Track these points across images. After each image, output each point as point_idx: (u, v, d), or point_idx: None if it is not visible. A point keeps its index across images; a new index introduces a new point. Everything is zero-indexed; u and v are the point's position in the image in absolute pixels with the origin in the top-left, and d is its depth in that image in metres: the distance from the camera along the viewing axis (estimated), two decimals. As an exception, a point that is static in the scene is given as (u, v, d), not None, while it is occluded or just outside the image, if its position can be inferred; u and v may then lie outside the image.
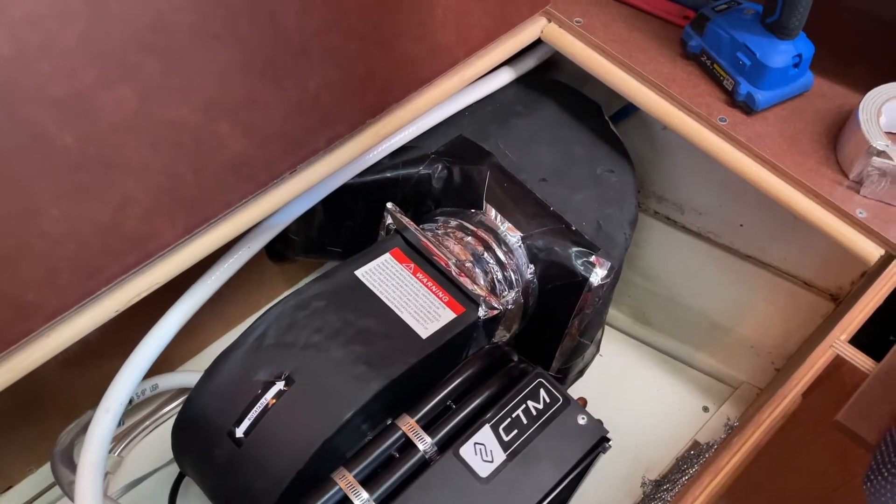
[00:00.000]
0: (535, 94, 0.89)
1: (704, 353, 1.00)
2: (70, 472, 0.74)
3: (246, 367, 0.64)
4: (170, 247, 0.61)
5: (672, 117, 0.75)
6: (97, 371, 0.83)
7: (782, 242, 0.91)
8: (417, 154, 0.83)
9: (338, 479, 0.59)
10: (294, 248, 0.91)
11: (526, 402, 0.62)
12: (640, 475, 0.86)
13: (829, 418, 0.57)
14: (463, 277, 0.70)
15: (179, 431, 0.66)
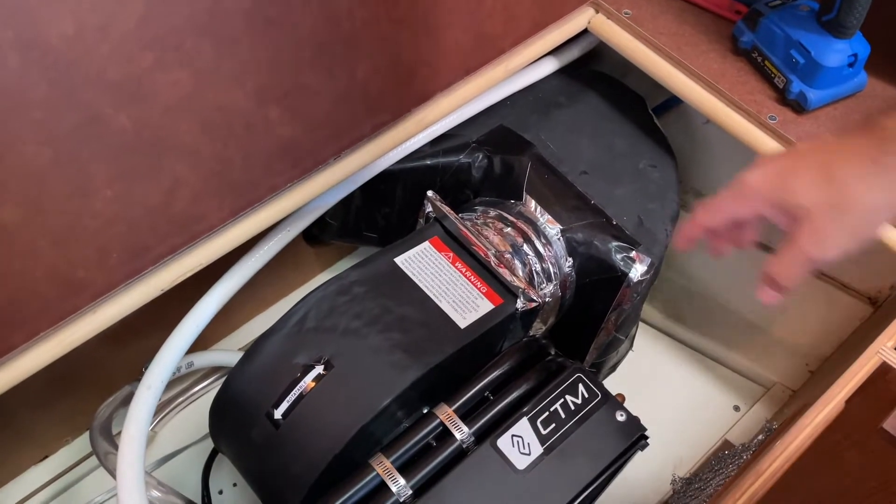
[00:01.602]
0: (577, 86, 0.88)
1: (737, 352, 1.00)
2: (108, 445, 0.76)
3: (286, 350, 0.64)
4: (215, 229, 0.62)
5: (720, 113, 0.74)
6: (134, 347, 0.84)
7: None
8: (458, 142, 0.82)
9: (375, 464, 0.60)
10: (330, 232, 0.92)
11: (564, 397, 0.62)
12: (668, 472, 0.85)
13: (872, 425, 0.57)
14: (502, 268, 0.70)
15: (217, 410, 0.67)
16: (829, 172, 0.39)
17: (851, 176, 0.38)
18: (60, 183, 0.50)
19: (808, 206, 0.39)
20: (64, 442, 0.91)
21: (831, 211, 0.38)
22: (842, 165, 0.38)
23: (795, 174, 0.40)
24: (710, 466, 0.77)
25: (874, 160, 0.38)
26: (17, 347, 0.55)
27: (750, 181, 0.42)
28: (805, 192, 0.39)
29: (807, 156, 0.41)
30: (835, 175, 0.38)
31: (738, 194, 0.42)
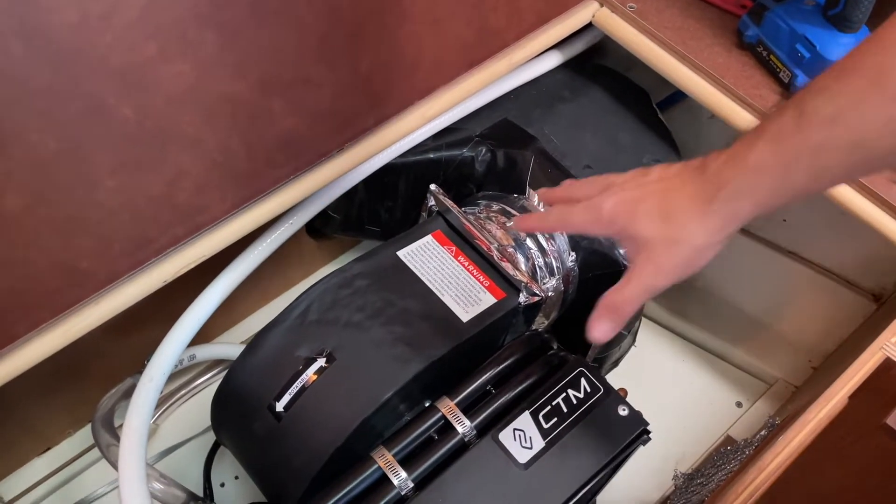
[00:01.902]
0: (581, 80, 0.88)
1: (740, 348, 0.99)
2: (110, 437, 0.76)
3: (288, 343, 0.64)
4: (218, 220, 0.61)
5: (724, 108, 0.73)
6: (137, 339, 0.84)
7: (826, 239, 0.90)
8: (461, 136, 0.82)
9: (377, 457, 0.60)
10: (333, 225, 0.92)
11: (566, 391, 0.62)
12: (670, 468, 0.85)
13: (875, 421, 0.57)
14: (505, 262, 0.70)
15: (219, 403, 0.67)
16: (670, 211, 0.43)
17: (687, 217, 0.42)
18: (63, 172, 0.50)
19: (650, 238, 0.44)
20: (66, 434, 0.91)
21: (669, 245, 0.43)
22: (680, 206, 0.43)
23: (643, 208, 0.44)
24: (712, 462, 0.77)
25: (706, 203, 0.42)
26: (20, 338, 0.55)
27: (605, 208, 0.46)
28: (649, 226, 0.44)
29: (654, 193, 0.44)
30: (674, 214, 0.43)
31: (593, 218, 0.47)
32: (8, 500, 0.86)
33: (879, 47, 0.35)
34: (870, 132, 0.35)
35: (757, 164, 0.39)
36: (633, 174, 0.48)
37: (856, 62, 0.36)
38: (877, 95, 0.34)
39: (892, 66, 0.34)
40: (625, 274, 0.46)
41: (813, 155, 0.37)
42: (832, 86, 0.36)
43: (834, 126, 0.36)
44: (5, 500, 0.86)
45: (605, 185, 0.48)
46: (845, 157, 0.37)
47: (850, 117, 0.35)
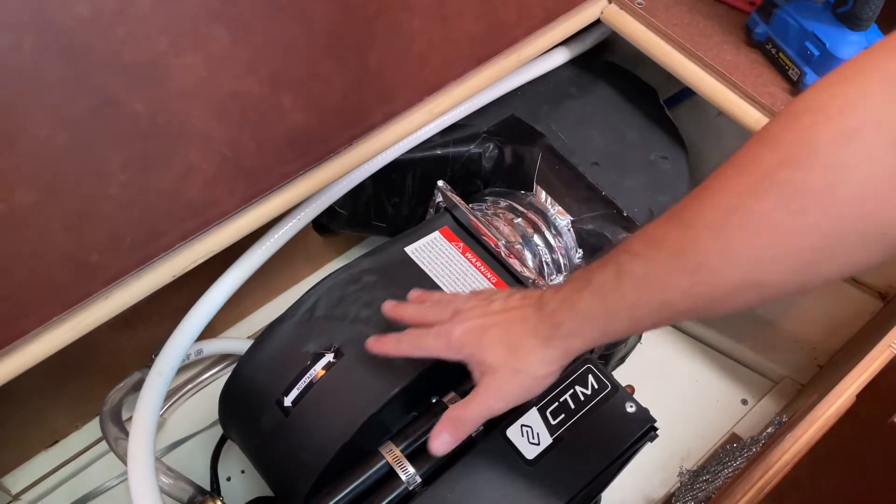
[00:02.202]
0: (589, 76, 0.88)
1: (746, 346, 0.99)
2: (118, 430, 0.76)
3: (296, 338, 0.64)
4: (228, 215, 0.62)
5: (733, 105, 0.73)
6: (144, 334, 0.85)
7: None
8: (468, 132, 0.82)
9: (385, 452, 0.60)
10: (339, 221, 0.92)
11: (574, 387, 0.62)
12: (675, 465, 0.85)
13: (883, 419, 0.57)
14: (512, 259, 0.70)
15: (227, 397, 0.68)
16: (513, 343, 0.48)
17: (528, 350, 0.48)
18: (74, 167, 0.50)
19: (495, 365, 0.49)
20: (73, 427, 0.91)
21: (512, 373, 0.48)
22: (522, 339, 0.48)
23: (489, 336, 0.49)
24: (718, 459, 0.77)
25: (545, 340, 0.47)
26: (30, 332, 0.55)
27: (455, 335, 0.50)
28: (494, 353, 0.49)
29: (499, 323, 0.49)
30: (517, 346, 0.48)
31: (444, 344, 0.51)
32: (15, 493, 0.87)
33: (682, 224, 0.39)
34: (673, 296, 0.40)
35: (585, 312, 0.45)
36: (478, 301, 0.53)
37: (664, 234, 0.40)
38: (678, 268, 0.39)
39: (691, 243, 0.38)
40: (470, 392, 0.50)
41: (629, 309, 0.43)
42: (644, 253, 0.41)
43: (645, 289, 0.41)
44: (13, 493, 0.87)
45: (454, 311, 0.52)
46: (655, 312, 0.42)
47: (656, 283, 0.40)
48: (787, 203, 0.34)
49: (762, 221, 0.35)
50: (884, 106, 0.32)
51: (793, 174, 0.34)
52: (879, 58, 0.33)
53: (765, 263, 0.36)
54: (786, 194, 0.34)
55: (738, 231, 0.36)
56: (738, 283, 0.37)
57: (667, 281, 0.40)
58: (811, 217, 0.34)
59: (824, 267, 0.36)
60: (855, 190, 0.33)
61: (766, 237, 0.35)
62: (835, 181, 0.33)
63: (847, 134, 0.33)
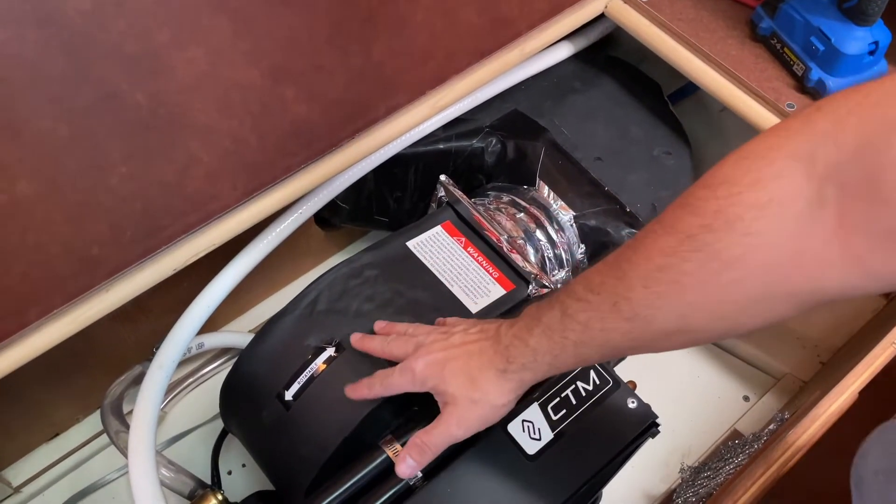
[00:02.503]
0: (593, 71, 0.88)
1: (748, 342, 0.99)
2: (119, 423, 0.76)
3: (297, 332, 0.64)
4: (229, 209, 0.61)
5: (737, 101, 0.73)
6: (145, 327, 0.85)
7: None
8: (471, 127, 0.82)
9: (386, 446, 0.60)
10: (341, 215, 0.92)
11: (575, 383, 0.62)
12: (677, 461, 0.85)
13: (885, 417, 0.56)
14: (514, 254, 0.70)
15: (228, 391, 0.68)
16: (472, 375, 0.52)
17: (486, 381, 0.52)
18: (76, 159, 0.50)
19: (456, 395, 0.52)
20: (74, 420, 0.91)
21: (471, 403, 0.52)
22: (480, 371, 0.52)
23: (449, 368, 0.53)
24: (719, 455, 0.77)
25: (501, 373, 0.51)
26: (31, 324, 0.55)
27: (417, 370, 0.54)
28: (455, 384, 0.53)
29: (458, 356, 0.53)
30: (476, 378, 0.52)
31: (408, 380, 0.55)
32: (16, 486, 0.87)
33: (618, 274, 0.43)
34: (612, 338, 0.44)
35: (535, 348, 0.49)
36: (438, 335, 0.56)
37: (601, 282, 0.44)
38: (615, 315, 0.43)
39: (625, 294, 0.42)
40: (434, 420, 0.54)
41: (574, 346, 0.47)
42: (585, 298, 0.45)
43: (586, 331, 0.45)
44: (14, 486, 0.87)
45: (416, 345, 0.56)
46: (598, 350, 0.46)
47: (597, 327, 0.45)
48: (709, 264, 0.38)
49: (688, 279, 0.39)
50: (791, 182, 0.35)
51: (713, 239, 0.38)
52: (789, 136, 0.37)
53: (693, 314, 0.41)
54: (708, 256, 0.38)
55: (667, 286, 0.40)
56: (670, 329, 0.42)
57: (605, 325, 0.44)
58: (730, 277, 0.38)
59: (747, 319, 0.40)
60: (766, 257, 0.37)
61: (693, 293, 0.40)
62: (747, 249, 0.37)
63: (759, 206, 0.36)
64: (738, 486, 0.54)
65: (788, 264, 0.36)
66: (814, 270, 0.36)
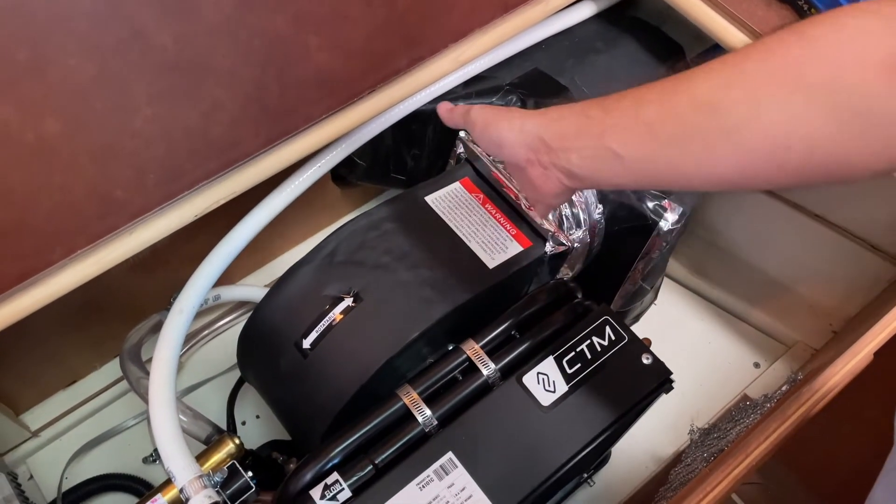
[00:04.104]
0: (615, 31, 0.87)
1: (760, 310, 0.99)
2: (137, 368, 0.77)
3: (316, 282, 0.65)
4: (251, 156, 0.62)
5: (762, 62, 0.72)
6: (162, 278, 0.85)
7: (852, 203, 0.89)
8: (491, 84, 0.81)
9: (402, 395, 0.60)
10: (358, 172, 0.92)
11: (591, 338, 0.63)
12: (686, 424, 0.86)
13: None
14: (532, 211, 0.70)
15: (246, 338, 0.68)
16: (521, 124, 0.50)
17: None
18: (102, 98, 0.50)
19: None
20: (92, 368, 0.92)
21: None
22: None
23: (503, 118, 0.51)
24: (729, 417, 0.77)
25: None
26: (56, 263, 0.56)
27: (473, 113, 0.54)
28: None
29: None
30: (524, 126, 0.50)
31: (465, 118, 0.55)
32: (35, 430, 0.89)
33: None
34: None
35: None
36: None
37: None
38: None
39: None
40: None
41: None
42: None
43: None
44: (32, 430, 0.88)
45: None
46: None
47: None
48: (772, 60, 0.37)
49: (751, 66, 0.38)
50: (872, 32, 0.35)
51: (778, 43, 0.37)
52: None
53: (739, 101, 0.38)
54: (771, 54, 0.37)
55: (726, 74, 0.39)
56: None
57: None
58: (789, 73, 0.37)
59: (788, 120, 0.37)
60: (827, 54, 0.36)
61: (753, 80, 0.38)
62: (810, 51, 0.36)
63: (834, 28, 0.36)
64: (750, 442, 0.54)
65: (846, 64, 0.35)
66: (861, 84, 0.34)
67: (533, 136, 0.48)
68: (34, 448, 0.88)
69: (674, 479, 0.71)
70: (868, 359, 0.58)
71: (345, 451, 0.58)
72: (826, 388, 0.56)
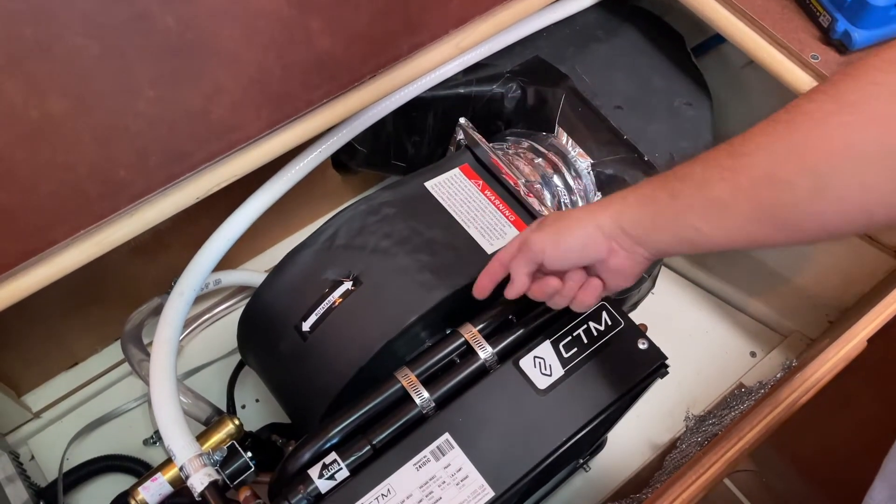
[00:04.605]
0: (616, 20, 0.87)
1: (757, 300, 1.00)
2: (139, 352, 0.78)
3: (316, 265, 0.66)
4: (252, 139, 0.62)
5: (761, 51, 0.72)
6: (164, 261, 0.86)
7: (851, 195, 0.89)
8: (492, 72, 0.82)
9: (400, 377, 0.61)
10: (358, 159, 0.92)
11: (587, 323, 0.63)
12: (682, 412, 0.86)
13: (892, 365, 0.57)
14: (531, 198, 0.70)
15: (247, 321, 0.69)
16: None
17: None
18: (105, 78, 0.51)
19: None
20: (93, 350, 0.93)
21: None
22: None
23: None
24: (725, 404, 0.78)
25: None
26: (58, 243, 0.56)
27: (532, 240, 0.53)
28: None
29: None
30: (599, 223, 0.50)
31: (524, 249, 0.53)
32: (36, 411, 0.89)
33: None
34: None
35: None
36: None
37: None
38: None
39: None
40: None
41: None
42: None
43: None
44: (34, 411, 0.89)
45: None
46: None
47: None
48: (826, 105, 0.38)
49: (802, 118, 0.39)
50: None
51: (838, 84, 0.38)
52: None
53: (790, 159, 0.39)
54: (828, 98, 0.39)
55: (782, 124, 0.40)
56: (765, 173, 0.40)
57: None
58: (840, 120, 0.38)
59: (840, 180, 0.38)
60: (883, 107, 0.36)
61: (800, 132, 0.39)
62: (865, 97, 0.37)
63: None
64: (743, 426, 0.55)
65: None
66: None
67: (611, 228, 0.49)
68: (36, 429, 0.89)
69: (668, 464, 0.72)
70: (861, 346, 0.59)
71: (343, 431, 0.59)
72: (819, 373, 0.57)
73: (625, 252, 0.50)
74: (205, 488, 0.56)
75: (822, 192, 0.38)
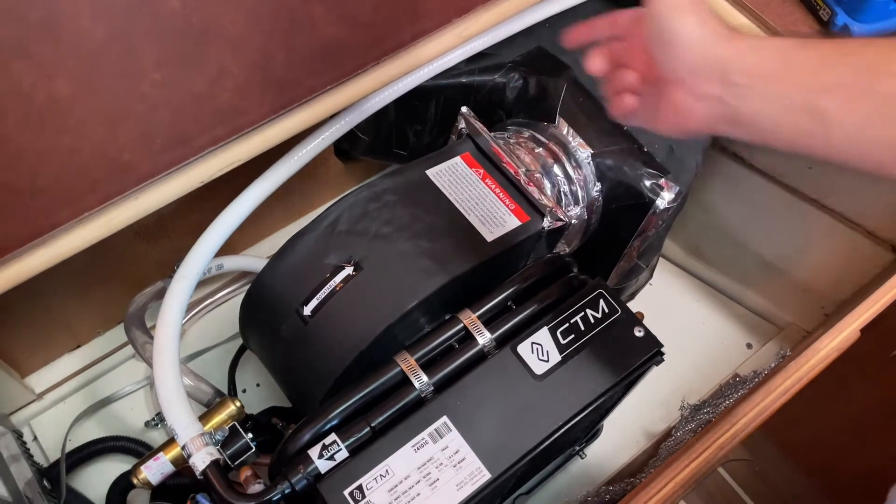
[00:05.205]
0: (618, 12, 0.87)
1: (754, 292, 1.01)
2: (142, 334, 0.79)
3: (317, 250, 0.66)
4: (256, 124, 0.63)
5: (762, 44, 0.73)
6: (166, 245, 0.87)
7: (849, 189, 0.90)
8: (494, 62, 0.82)
9: (400, 361, 0.62)
10: (360, 147, 0.93)
11: (585, 310, 0.64)
12: (677, 401, 0.87)
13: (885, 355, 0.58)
14: (531, 187, 0.71)
15: (248, 304, 0.70)
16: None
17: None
18: (111, 62, 0.51)
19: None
20: (96, 333, 0.94)
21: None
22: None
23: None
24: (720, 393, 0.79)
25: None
26: (63, 225, 0.57)
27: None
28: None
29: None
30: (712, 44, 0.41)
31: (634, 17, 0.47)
32: (39, 393, 0.90)
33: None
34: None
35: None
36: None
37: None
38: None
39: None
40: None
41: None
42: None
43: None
44: (36, 392, 0.90)
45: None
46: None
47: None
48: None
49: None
50: None
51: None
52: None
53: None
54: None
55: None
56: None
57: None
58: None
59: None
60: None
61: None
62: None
63: None
64: (736, 412, 0.56)
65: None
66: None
67: (715, 60, 0.40)
68: (38, 410, 0.90)
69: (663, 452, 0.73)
70: (855, 335, 0.59)
71: (343, 413, 0.59)
72: (812, 363, 0.57)
73: (692, 97, 0.42)
74: (206, 467, 0.57)
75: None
